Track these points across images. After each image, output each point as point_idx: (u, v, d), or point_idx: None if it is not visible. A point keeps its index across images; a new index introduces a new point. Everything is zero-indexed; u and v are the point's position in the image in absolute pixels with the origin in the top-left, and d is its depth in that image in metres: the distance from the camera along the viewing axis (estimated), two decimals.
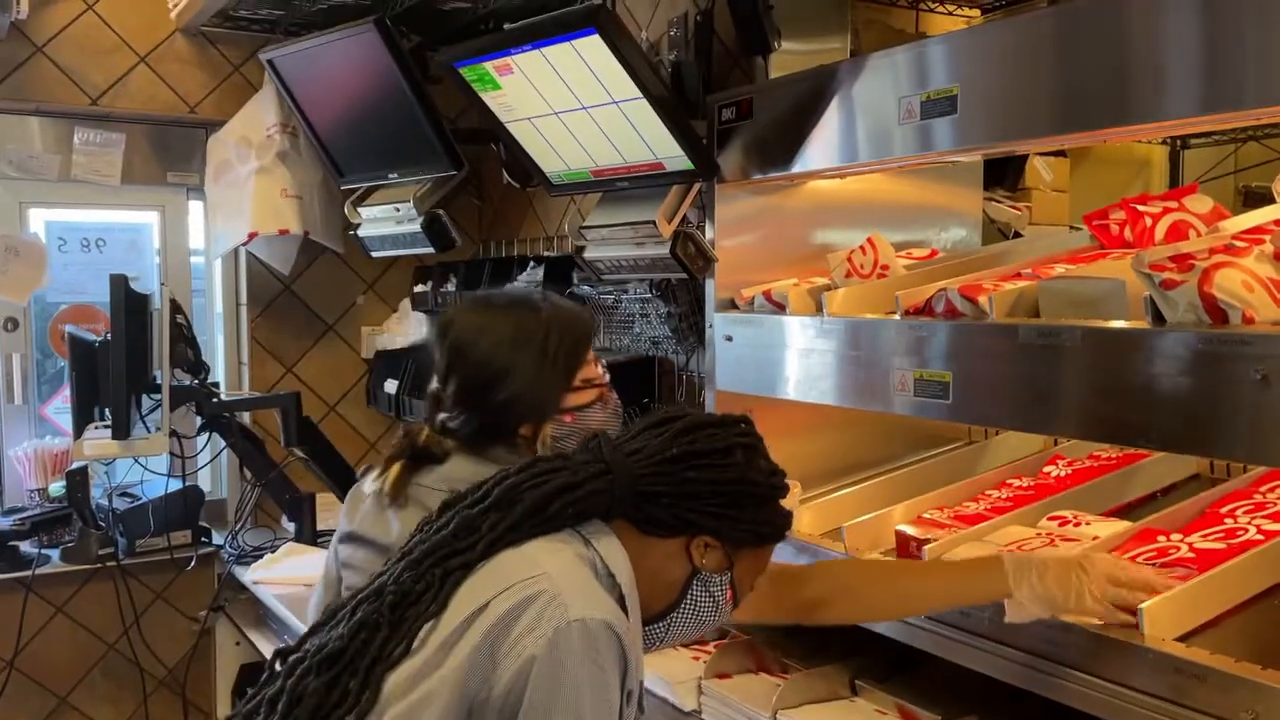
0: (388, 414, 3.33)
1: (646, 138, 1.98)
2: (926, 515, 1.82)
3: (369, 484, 1.64)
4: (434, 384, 1.62)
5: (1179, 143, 3.18)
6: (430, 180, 2.74)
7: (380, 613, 1.13)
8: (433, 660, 1.09)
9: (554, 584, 1.10)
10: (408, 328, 3.52)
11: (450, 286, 3.24)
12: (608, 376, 1.76)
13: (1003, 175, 2.75)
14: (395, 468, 1.57)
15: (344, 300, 3.57)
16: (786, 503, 1.32)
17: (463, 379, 1.59)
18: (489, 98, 2.17)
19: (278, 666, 1.17)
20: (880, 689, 1.78)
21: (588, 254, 2.28)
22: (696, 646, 2.10)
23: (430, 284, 3.36)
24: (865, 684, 1.81)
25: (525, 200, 3.23)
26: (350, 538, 1.64)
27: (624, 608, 1.17)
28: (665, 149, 1.98)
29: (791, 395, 1.91)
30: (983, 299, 1.58)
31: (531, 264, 2.83)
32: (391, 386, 3.30)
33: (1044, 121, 1.46)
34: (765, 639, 2.01)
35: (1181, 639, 1.32)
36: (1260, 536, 1.49)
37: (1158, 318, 1.31)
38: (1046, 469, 1.95)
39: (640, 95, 1.89)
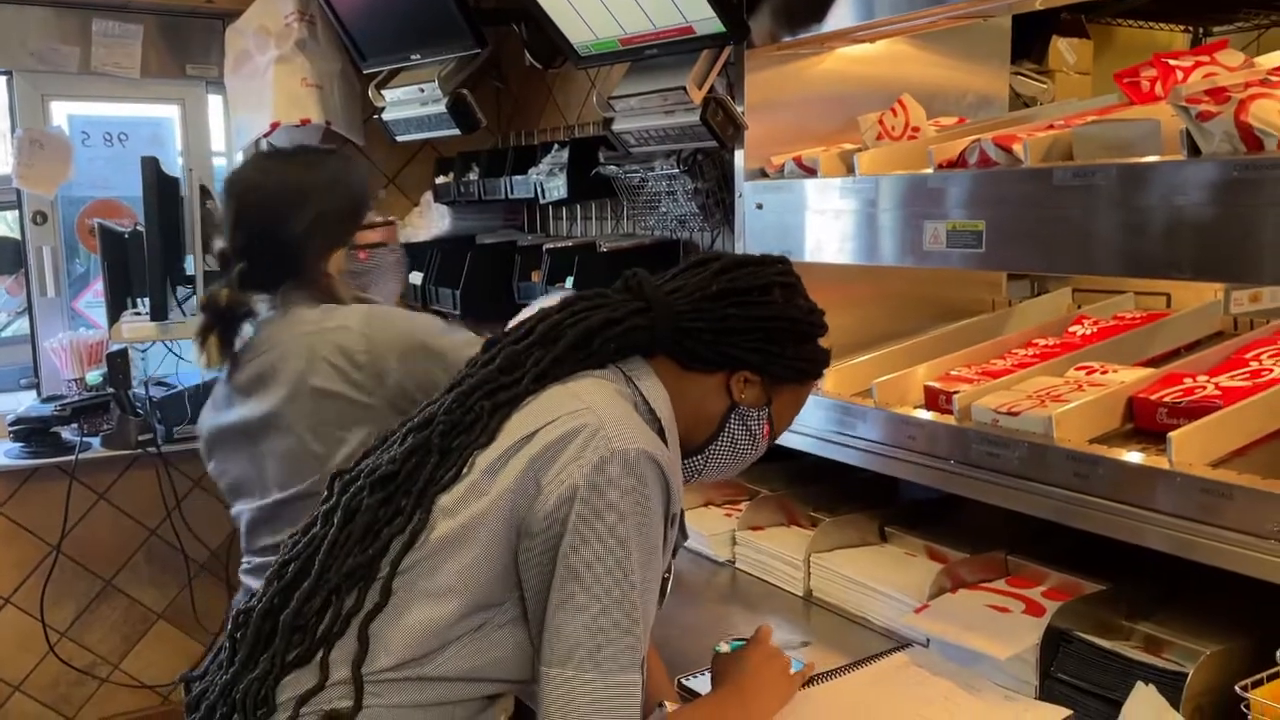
0: (414, 304, 3.36)
1: None
2: (954, 373, 1.85)
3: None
4: (222, 243, 1.68)
5: (1201, 30, 3.16)
6: (454, 60, 2.73)
7: (431, 440, 1.17)
8: (480, 485, 1.12)
9: (598, 417, 1.13)
10: (430, 220, 3.53)
11: (472, 176, 3.24)
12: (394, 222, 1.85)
13: (1029, 48, 2.73)
14: (212, 340, 1.65)
15: None
16: None
17: (250, 224, 1.66)
18: None
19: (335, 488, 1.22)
20: (910, 534, 1.85)
21: (616, 126, 2.28)
22: (729, 505, 2.17)
23: (452, 175, 3.36)
24: (894, 530, 1.87)
25: (546, 89, 3.22)
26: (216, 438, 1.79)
27: (664, 440, 1.20)
28: (695, 10, 1.97)
29: (823, 258, 1.92)
30: (1017, 146, 1.59)
31: (556, 146, 2.83)
32: (417, 278, 3.32)
33: None
34: (795, 495, 2.07)
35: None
36: None
37: (1194, 151, 1.33)
38: (1072, 329, 1.99)
39: None
